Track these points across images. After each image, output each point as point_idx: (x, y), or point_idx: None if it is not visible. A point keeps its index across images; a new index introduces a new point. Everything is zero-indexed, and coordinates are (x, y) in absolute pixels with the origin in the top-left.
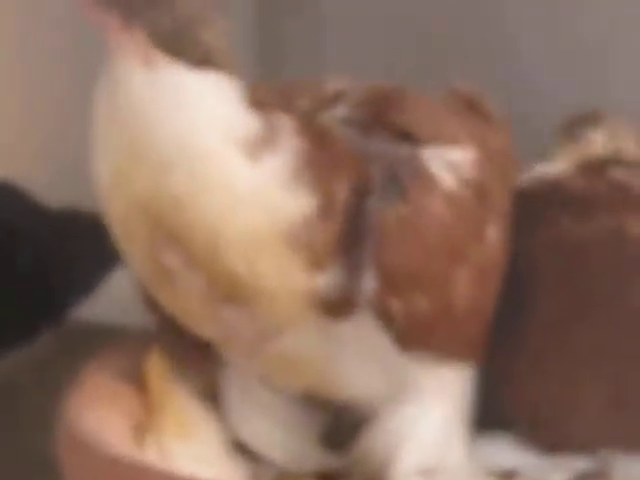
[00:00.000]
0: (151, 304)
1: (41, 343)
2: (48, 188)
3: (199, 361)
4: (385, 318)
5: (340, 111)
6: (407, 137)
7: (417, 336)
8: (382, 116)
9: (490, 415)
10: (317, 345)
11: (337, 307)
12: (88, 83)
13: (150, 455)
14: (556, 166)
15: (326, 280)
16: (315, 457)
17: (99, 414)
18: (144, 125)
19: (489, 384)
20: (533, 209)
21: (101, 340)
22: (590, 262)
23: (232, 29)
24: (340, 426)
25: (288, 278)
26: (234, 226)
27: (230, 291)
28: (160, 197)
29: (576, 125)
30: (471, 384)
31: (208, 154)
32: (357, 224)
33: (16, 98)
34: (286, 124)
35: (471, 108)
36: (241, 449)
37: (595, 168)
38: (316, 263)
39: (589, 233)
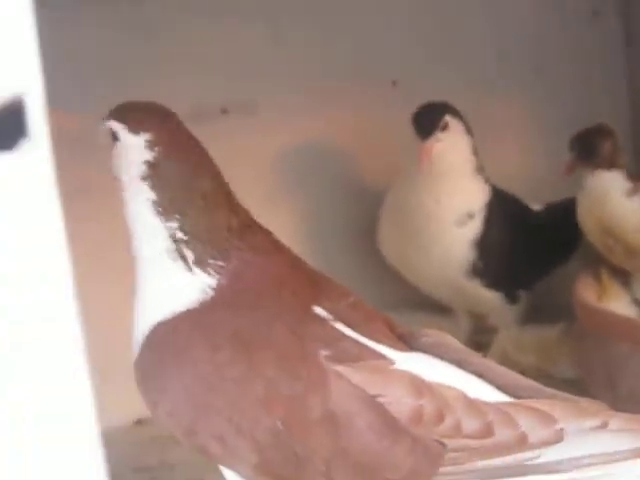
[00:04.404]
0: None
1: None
2: None
3: (623, 271)
4: None
5: None
6: None
7: None
8: None
9: None
10: None
11: None
12: None
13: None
14: None
15: None
16: None
17: None
18: (605, 204)
19: None
20: None
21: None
22: None
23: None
24: None
25: None
26: (630, 226)
27: (633, 252)
28: (603, 224)
29: None
30: None
31: (615, 202)
32: None
33: None
34: None
35: None
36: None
37: None
38: None
39: None
